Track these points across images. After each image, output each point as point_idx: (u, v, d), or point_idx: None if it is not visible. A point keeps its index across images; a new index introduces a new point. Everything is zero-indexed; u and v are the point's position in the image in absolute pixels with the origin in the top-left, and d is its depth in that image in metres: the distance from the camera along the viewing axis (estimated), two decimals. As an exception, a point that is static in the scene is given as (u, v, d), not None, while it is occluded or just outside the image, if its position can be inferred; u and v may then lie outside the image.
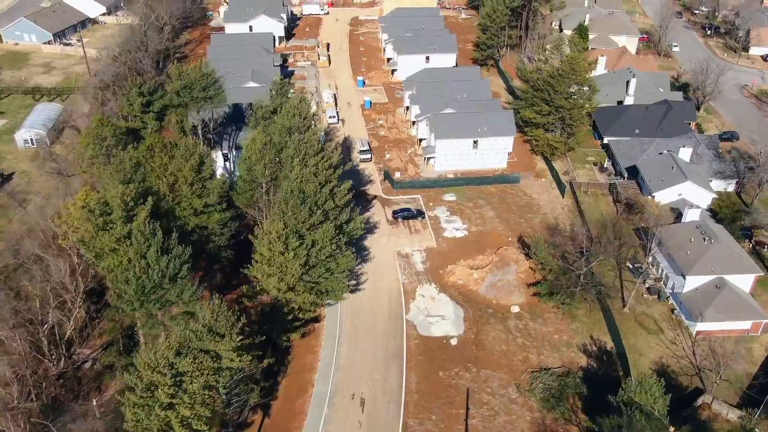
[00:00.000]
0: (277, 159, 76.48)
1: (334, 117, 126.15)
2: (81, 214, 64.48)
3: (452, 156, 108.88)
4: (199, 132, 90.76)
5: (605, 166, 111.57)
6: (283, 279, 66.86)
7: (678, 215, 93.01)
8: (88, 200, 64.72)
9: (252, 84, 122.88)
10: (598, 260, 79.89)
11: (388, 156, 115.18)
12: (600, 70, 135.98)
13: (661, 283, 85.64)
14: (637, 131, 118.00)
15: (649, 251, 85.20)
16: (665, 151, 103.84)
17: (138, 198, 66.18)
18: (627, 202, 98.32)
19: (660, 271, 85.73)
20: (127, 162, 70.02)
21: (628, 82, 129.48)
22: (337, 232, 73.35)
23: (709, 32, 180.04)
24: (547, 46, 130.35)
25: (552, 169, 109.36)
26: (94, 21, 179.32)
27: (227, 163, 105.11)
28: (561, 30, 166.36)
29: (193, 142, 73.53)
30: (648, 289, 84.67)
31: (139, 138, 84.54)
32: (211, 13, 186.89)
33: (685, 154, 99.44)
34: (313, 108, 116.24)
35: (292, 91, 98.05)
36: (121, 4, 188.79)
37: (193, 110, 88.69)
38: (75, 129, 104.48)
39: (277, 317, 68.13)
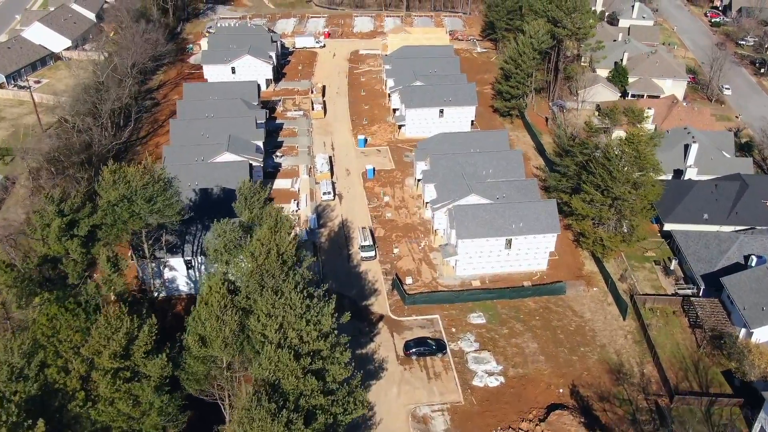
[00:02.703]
0: (243, 323, 53.24)
1: (329, 193, 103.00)
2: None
3: (478, 258, 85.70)
4: (146, 248, 67.82)
5: (671, 267, 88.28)
6: None
7: (786, 359, 69.77)
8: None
9: (227, 157, 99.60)
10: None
11: (396, 251, 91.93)
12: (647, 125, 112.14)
13: (778, 471, 62.52)
14: (705, 216, 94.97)
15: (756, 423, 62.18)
16: (754, 258, 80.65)
17: (24, 419, 43.09)
18: (712, 333, 74.97)
19: (775, 453, 62.58)
20: (16, 348, 46.88)
21: (686, 147, 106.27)
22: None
23: (762, 70, 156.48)
24: (594, 116, 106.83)
25: (606, 276, 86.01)
26: (57, 57, 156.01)
27: (191, 271, 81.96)
28: (593, 70, 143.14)
29: (117, 313, 50.33)
30: (760, 481, 61.48)
31: (58, 271, 61.34)
32: (191, 46, 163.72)
33: (786, 268, 76.22)
34: (302, 212, 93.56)
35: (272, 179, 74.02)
36: (90, 36, 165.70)
37: (136, 225, 65.43)
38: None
39: None
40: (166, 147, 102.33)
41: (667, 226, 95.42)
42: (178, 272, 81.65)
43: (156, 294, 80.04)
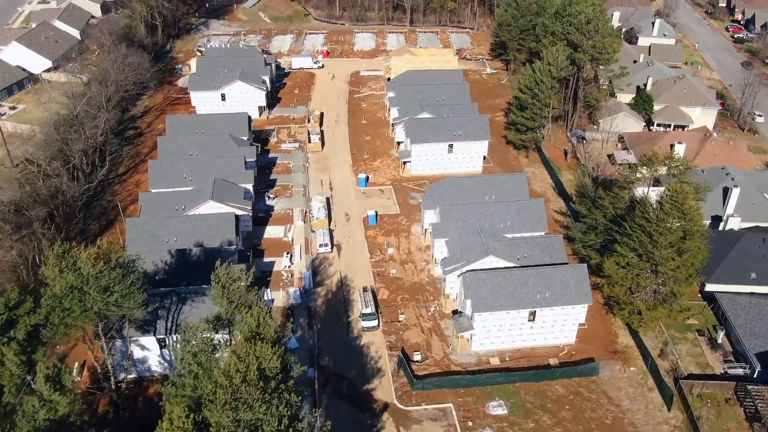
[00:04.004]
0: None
1: (326, 245, 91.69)
2: None
3: (497, 331, 74.42)
4: (104, 344, 56.59)
5: (719, 340, 76.92)
6: None
7: None
8: None
9: (211, 206, 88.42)
10: None
11: (402, 318, 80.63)
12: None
13: None
14: (753, 276, 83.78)
15: None
16: (820, 336, 69.44)
17: None
18: (777, 432, 63.74)
19: None
20: None
21: (725, 191, 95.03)
22: None
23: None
24: (617, 148, 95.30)
25: (644, 352, 74.66)
26: (36, 79, 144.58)
27: (165, 350, 70.63)
28: (614, 95, 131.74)
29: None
30: None
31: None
32: (180, 67, 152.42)
33: None
34: (296, 267, 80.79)
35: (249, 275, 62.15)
36: (73, 55, 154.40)
37: (89, 322, 54.16)
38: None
39: None
40: (143, 194, 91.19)
41: (709, 287, 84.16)
42: (150, 351, 70.41)
43: (123, 376, 68.88)
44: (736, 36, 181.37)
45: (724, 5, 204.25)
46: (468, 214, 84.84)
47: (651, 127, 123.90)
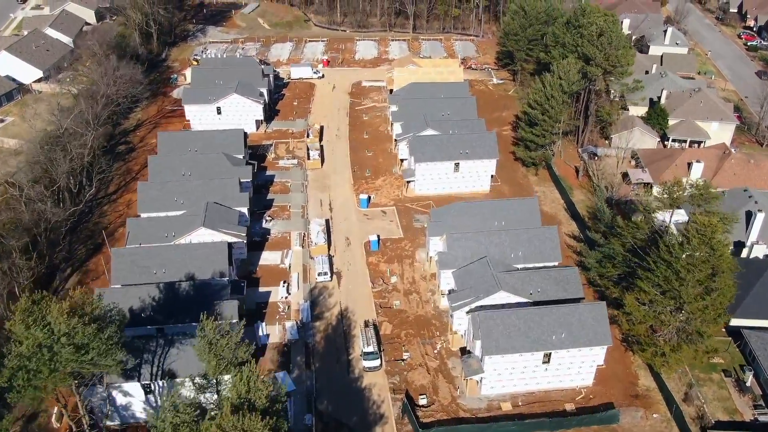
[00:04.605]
0: None
1: (326, 273, 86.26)
2: None
3: (509, 374, 69.00)
4: (78, 401, 51.27)
5: (747, 382, 71.48)
6: None
7: None
8: None
9: (202, 233, 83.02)
10: None
11: (406, 357, 75.25)
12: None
13: None
14: (782, 310, 78.32)
15: None
16: None
17: None
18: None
19: None
20: None
21: (748, 215, 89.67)
22: None
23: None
24: (630, 165, 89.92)
25: (668, 395, 69.24)
26: (26, 90, 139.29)
27: (150, 396, 65.31)
28: (626, 109, 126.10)
29: None
30: None
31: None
32: (175, 76, 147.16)
33: None
34: (293, 298, 74.20)
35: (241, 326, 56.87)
36: (65, 63, 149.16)
37: (60, 382, 48.77)
38: None
39: None
40: (130, 220, 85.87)
41: (735, 321, 78.68)
42: (134, 398, 65.12)
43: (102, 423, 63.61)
44: (749, 44, 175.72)
45: (736, 11, 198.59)
46: (476, 242, 79.52)
47: (665, 143, 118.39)
